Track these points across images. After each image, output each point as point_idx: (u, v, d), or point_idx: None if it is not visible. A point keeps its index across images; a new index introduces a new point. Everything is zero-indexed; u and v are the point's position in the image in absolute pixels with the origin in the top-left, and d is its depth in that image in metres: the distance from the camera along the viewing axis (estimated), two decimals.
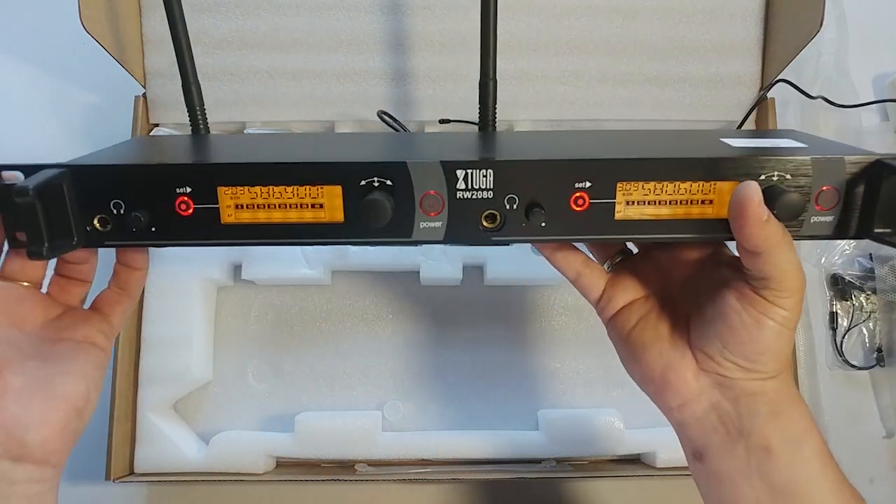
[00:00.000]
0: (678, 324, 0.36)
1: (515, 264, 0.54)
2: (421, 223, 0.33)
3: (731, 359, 0.33)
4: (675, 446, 0.53)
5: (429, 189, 0.32)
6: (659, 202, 0.32)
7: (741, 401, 0.33)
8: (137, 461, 0.52)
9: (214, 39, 0.54)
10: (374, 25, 0.54)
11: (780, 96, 0.56)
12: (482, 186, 0.32)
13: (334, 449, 0.52)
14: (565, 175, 0.32)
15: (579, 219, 0.33)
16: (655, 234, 0.33)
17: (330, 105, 0.55)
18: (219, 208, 0.33)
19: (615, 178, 0.32)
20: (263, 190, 0.32)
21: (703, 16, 0.54)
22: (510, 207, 0.33)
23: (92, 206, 0.33)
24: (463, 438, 0.53)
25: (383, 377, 0.57)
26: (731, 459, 0.33)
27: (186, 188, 0.32)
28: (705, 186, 0.32)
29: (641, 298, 0.38)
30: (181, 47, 0.40)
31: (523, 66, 0.55)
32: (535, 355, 0.57)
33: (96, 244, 0.33)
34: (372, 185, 0.32)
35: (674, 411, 0.35)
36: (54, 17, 0.64)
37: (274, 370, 0.57)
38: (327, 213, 0.33)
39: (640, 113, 0.56)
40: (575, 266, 0.38)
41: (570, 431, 0.53)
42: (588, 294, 0.39)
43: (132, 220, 0.32)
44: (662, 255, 0.38)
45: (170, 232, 0.33)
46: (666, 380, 0.35)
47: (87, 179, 0.32)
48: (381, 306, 0.58)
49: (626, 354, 0.37)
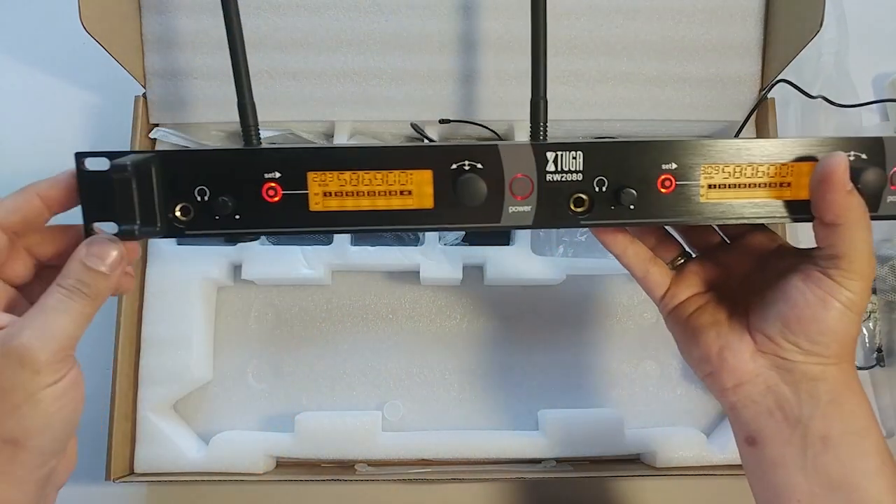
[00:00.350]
0: (737, 311, 0.36)
1: (515, 264, 0.54)
2: (510, 207, 0.33)
3: (791, 339, 0.33)
4: (675, 446, 0.54)
5: (518, 172, 0.33)
6: (739, 185, 0.33)
7: (801, 385, 0.33)
8: (137, 461, 0.52)
9: (214, 39, 0.54)
10: (374, 25, 0.54)
11: (780, 96, 0.56)
12: (572, 168, 0.33)
13: (334, 449, 0.52)
14: (653, 156, 0.33)
15: (666, 201, 0.33)
16: (735, 217, 0.34)
17: (330, 105, 0.55)
18: (307, 195, 0.33)
19: (699, 160, 0.33)
20: (353, 176, 0.32)
21: (703, 16, 0.54)
22: (599, 190, 0.33)
23: (176, 192, 0.33)
24: (463, 438, 0.53)
25: (383, 377, 0.57)
26: (785, 446, 0.33)
27: (276, 173, 0.32)
28: (784, 168, 0.33)
29: (701, 293, 0.38)
30: (240, 73, 0.41)
31: (523, 66, 0.54)
32: (535, 355, 0.57)
33: (177, 234, 0.33)
34: (462, 169, 0.32)
35: (728, 392, 0.35)
36: (54, 17, 0.64)
37: (274, 370, 0.57)
38: (416, 200, 0.33)
39: (640, 113, 0.56)
40: (644, 263, 0.38)
41: (570, 431, 0.53)
42: (653, 291, 0.39)
43: (219, 206, 0.32)
44: (723, 254, 0.38)
45: (255, 219, 0.33)
46: (722, 358, 0.35)
47: (175, 164, 0.32)
48: (381, 306, 0.58)
49: (683, 337, 0.37)
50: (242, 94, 0.40)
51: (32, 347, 0.29)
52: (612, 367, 0.57)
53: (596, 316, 0.58)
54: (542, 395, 0.57)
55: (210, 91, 0.54)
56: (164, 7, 0.54)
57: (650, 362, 0.58)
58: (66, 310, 0.31)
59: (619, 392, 0.57)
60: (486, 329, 0.58)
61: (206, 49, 0.54)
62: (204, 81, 0.54)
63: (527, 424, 0.56)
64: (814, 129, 0.59)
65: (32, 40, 0.63)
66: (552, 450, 0.53)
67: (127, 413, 0.52)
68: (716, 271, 0.38)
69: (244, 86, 0.40)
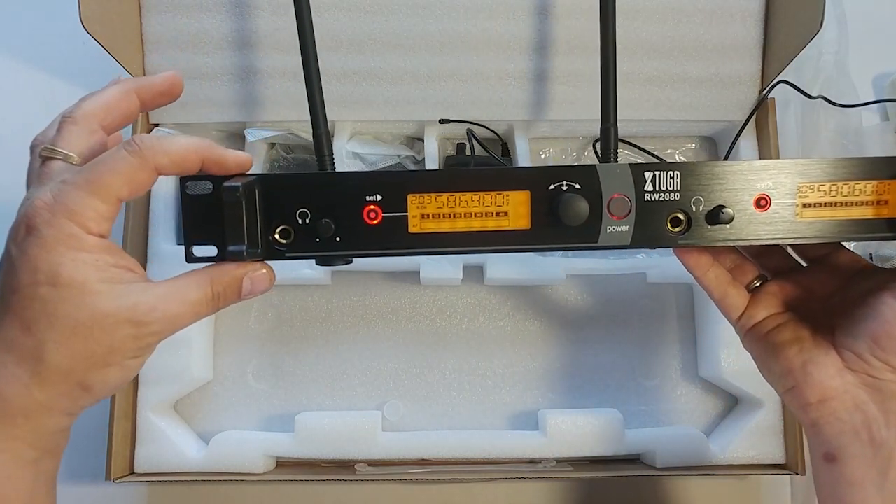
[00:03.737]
0: (821, 329, 0.35)
1: (515, 264, 0.54)
2: (608, 227, 0.33)
3: (881, 357, 0.32)
4: (675, 446, 0.54)
5: (616, 192, 0.33)
6: (835, 204, 0.33)
7: (890, 405, 0.32)
8: (137, 461, 0.52)
9: (214, 39, 0.54)
10: (374, 25, 0.54)
11: (780, 96, 0.56)
12: (670, 188, 0.33)
13: (334, 449, 0.52)
14: (748, 176, 0.33)
15: (761, 221, 0.33)
16: (832, 235, 0.34)
17: (330, 105, 0.54)
18: (407, 217, 0.33)
19: (796, 179, 0.33)
20: (451, 198, 0.33)
21: (703, 16, 0.54)
22: (696, 209, 0.33)
23: (278, 214, 0.33)
24: (463, 438, 0.53)
25: (383, 377, 0.57)
26: (867, 467, 0.32)
27: (377, 196, 0.33)
28: (882, 185, 0.33)
29: (780, 313, 0.37)
30: (315, 100, 0.43)
31: (523, 66, 0.55)
32: (535, 355, 0.57)
33: (277, 257, 0.34)
34: (560, 189, 0.33)
35: (811, 408, 0.34)
36: (54, 17, 0.64)
37: (274, 370, 0.57)
38: (511, 221, 0.33)
39: (641, 113, 0.56)
40: (723, 286, 0.38)
41: (570, 431, 0.53)
42: (730, 313, 0.39)
43: (321, 228, 0.33)
44: (802, 276, 0.38)
45: (355, 241, 0.33)
46: (806, 372, 0.34)
47: (278, 187, 0.33)
48: (381, 306, 0.58)
49: (763, 353, 0.37)
50: (318, 124, 0.42)
51: (152, 320, 0.30)
52: (612, 367, 0.57)
53: (596, 316, 0.58)
54: (542, 395, 0.57)
55: (210, 91, 0.54)
56: (165, 7, 0.54)
57: (650, 362, 0.58)
58: (188, 301, 0.31)
59: (619, 392, 0.57)
60: (487, 329, 0.58)
61: (206, 49, 0.54)
62: (204, 81, 0.54)
63: (527, 424, 0.56)
64: (814, 129, 0.59)
65: (32, 40, 0.63)
66: (552, 450, 0.53)
67: (127, 413, 0.52)
68: (795, 292, 0.38)
69: (319, 116, 0.42)
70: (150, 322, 0.30)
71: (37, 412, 0.29)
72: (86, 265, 0.29)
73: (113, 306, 0.29)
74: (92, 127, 0.32)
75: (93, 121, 0.32)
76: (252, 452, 0.52)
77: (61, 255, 0.28)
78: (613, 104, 0.43)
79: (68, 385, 0.29)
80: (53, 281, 0.28)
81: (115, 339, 0.29)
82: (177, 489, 0.56)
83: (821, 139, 0.59)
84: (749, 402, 0.55)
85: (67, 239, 0.28)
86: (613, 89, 0.43)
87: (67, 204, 0.29)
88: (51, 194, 0.29)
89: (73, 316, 0.28)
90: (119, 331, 0.29)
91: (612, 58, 0.43)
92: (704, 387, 0.57)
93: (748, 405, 0.55)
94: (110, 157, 0.30)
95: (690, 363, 0.58)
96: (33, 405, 0.29)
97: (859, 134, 0.59)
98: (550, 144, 0.60)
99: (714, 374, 0.55)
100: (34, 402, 0.29)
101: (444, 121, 0.55)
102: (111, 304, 0.29)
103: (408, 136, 0.59)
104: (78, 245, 0.29)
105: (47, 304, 0.28)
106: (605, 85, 0.43)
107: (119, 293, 0.29)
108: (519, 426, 0.56)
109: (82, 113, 0.32)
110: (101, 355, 0.29)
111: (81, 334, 0.28)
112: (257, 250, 0.33)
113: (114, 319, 0.29)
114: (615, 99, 0.43)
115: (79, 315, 0.28)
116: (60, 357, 0.28)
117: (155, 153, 0.30)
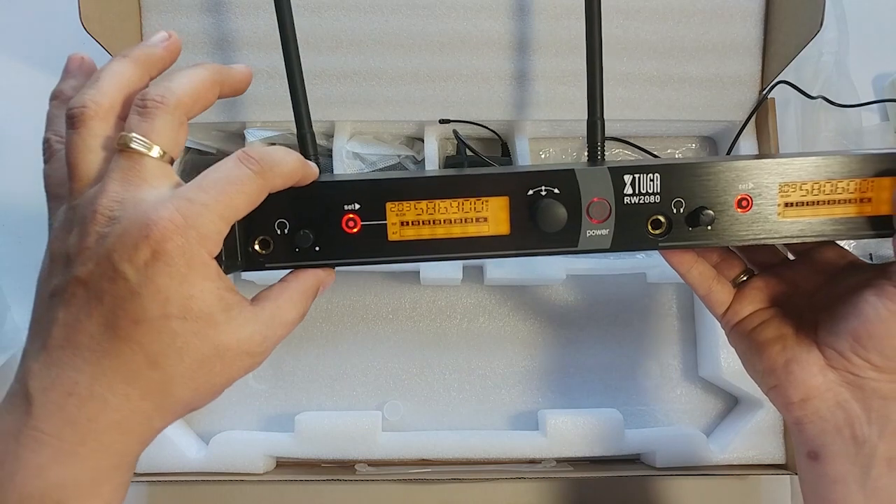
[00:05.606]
0: (804, 326, 0.35)
1: (515, 264, 0.54)
2: (588, 231, 0.33)
3: (863, 355, 0.32)
4: (675, 446, 0.54)
5: (595, 195, 0.33)
6: (817, 202, 0.33)
7: (872, 403, 0.32)
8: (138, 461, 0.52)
9: (214, 39, 0.54)
10: (375, 25, 0.54)
11: (780, 96, 0.56)
12: (649, 191, 0.33)
13: (334, 449, 0.52)
14: (730, 176, 0.33)
15: (743, 221, 0.33)
16: (814, 235, 0.33)
17: (330, 105, 0.55)
18: (386, 225, 0.33)
19: (777, 179, 0.33)
20: (430, 205, 0.33)
21: (703, 16, 0.54)
22: (677, 212, 0.33)
23: (257, 226, 0.33)
24: (463, 438, 0.53)
25: (383, 377, 0.57)
26: (849, 464, 0.32)
27: (355, 204, 0.33)
28: (864, 183, 0.32)
29: (765, 308, 0.37)
30: (298, 98, 0.42)
31: (523, 66, 0.54)
32: (535, 355, 0.57)
33: (257, 267, 0.33)
34: (539, 194, 0.33)
35: (794, 407, 0.34)
36: (54, 17, 0.64)
37: (274, 370, 0.57)
38: (491, 227, 0.33)
39: (641, 113, 0.56)
40: (707, 282, 0.38)
41: (570, 431, 0.53)
42: (715, 308, 0.39)
43: (300, 239, 0.32)
44: (788, 270, 0.38)
45: (335, 250, 0.33)
46: (789, 371, 0.34)
47: None
48: (381, 306, 0.58)
49: (748, 351, 0.37)
50: (302, 124, 0.41)
51: (264, 350, 0.30)
52: (612, 367, 0.57)
53: (596, 316, 0.58)
54: (543, 395, 0.57)
55: None
56: (164, 7, 0.54)
57: (650, 362, 0.58)
58: (288, 323, 0.31)
59: (619, 392, 0.57)
60: (486, 329, 0.58)
61: (206, 49, 0.54)
62: None
63: (527, 424, 0.56)
64: (814, 129, 0.59)
65: (32, 40, 0.63)
66: (552, 450, 0.53)
67: None
68: (780, 287, 0.38)
69: (303, 115, 0.41)
70: (262, 352, 0.29)
71: (151, 438, 0.29)
72: (211, 295, 0.27)
73: (234, 339, 0.28)
74: (182, 119, 0.28)
75: (184, 112, 0.29)
76: (252, 452, 0.52)
77: (192, 287, 0.26)
78: (600, 97, 0.42)
79: (185, 412, 0.29)
80: (184, 314, 0.26)
81: (233, 370, 0.29)
82: (177, 489, 0.56)
83: (821, 139, 0.59)
84: (749, 402, 0.55)
85: (201, 268, 0.27)
86: (600, 82, 0.42)
87: (200, 229, 0.26)
88: (180, 215, 0.26)
89: (201, 350, 0.27)
90: (237, 362, 0.28)
91: (597, 50, 0.42)
92: (704, 387, 0.57)
93: (748, 405, 0.55)
94: (234, 175, 0.27)
95: (690, 363, 0.58)
96: (151, 434, 0.29)
97: (859, 134, 0.59)
98: (550, 144, 0.60)
99: (714, 374, 0.55)
100: (153, 431, 0.29)
101: (444, 121, 0.55)
102: (231, 338, 0.28)
103: (408, 136, 0.59)
104: (206, 274, 0.27)
105: (177, 337, 0.26)
106: (591, 78, 0.42)
107: (236, 324, 0.28)
108: (519, 426, 0.56)
109: (177, 100, 0.28)
110: (221, 385, 0.29)
111: (207, 368, 0.28)
112: (236, 261, 0.33)
113: (234, 353, 0.28)
114: (601, 92, 0.42)
115: (205, 349, 0.27)
116: (186, 391, 0.28)
117: (274, 176, 0.29)
